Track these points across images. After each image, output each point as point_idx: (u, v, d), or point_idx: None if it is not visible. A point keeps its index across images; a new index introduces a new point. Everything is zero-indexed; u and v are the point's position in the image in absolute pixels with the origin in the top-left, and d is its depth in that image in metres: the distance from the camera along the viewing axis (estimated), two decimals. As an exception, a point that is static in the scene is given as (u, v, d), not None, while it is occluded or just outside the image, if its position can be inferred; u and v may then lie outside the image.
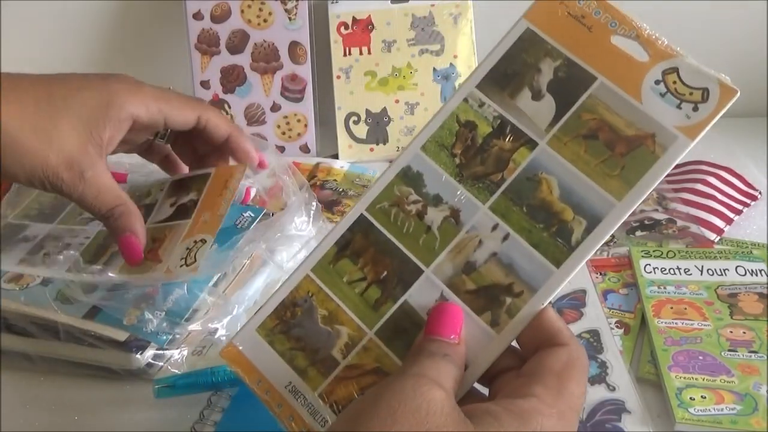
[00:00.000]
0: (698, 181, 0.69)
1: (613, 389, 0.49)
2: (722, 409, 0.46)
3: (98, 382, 0.50)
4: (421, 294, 0.34)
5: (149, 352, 0.49)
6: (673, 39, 0.34)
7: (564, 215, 0.32)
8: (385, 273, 0.35)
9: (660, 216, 0.66)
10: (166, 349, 0.50)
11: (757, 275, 0.57)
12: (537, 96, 0.34)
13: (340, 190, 0.74)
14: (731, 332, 0.52)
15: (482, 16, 0.80)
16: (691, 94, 0.32)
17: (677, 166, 0.76)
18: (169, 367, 0.50)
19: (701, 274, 0.58)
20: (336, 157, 0.80)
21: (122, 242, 0.45)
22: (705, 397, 0.47)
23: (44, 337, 0.50)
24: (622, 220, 0.32)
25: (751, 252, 0.60)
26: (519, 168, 0.33)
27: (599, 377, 0.50)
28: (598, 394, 0.48)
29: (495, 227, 0.33)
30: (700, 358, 0.50)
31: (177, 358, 0.50)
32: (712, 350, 0.50)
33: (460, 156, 0.35)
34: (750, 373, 0.48)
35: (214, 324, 0.52)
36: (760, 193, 0.70)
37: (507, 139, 0.34)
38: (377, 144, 0.80)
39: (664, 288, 0.57)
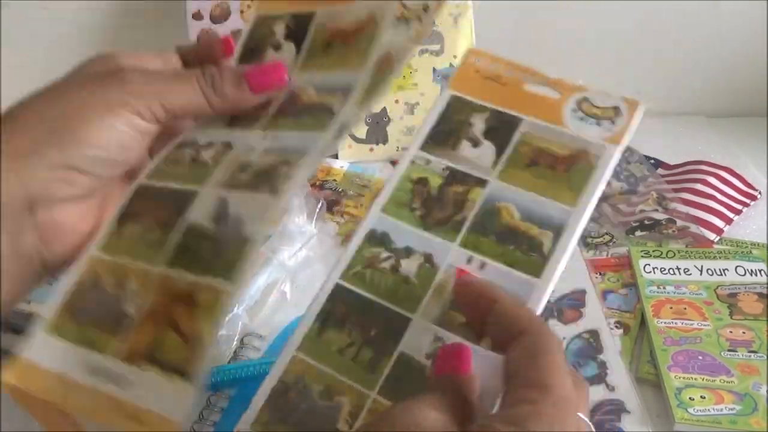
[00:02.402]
0: (698, 181, 0.69)
1: (613, 389, 0.49)
2: (722, 409, 0.46)
3: (98, 382, 0.50)
4: (415, 340, 0.34)
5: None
6: (673, 39, 0.34)
7: (530, 232, 0.35)
8: (374, 331, 0.34)
9: (660, 216, 0.66)
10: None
11: (756, 275, 0.57)
12: (476, 144, 0.38)
13: (340, 190, 0.74)
14: (731, 332, 0.52)
15: (482, 16, 0.80)
16: (604, 113, 0.37)
17: (677, 166, 0.76)
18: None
19: (701, 274, 0.58)
20: (336, 156, 0.80)
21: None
22: (704, 397, 0.47)
23: (44, 336, 0.50)
24: (585, 222, 0.34)
25: (750, 252, 0.60)
26: (477, 204, 0.36)
27: (599, 377, 0.50)
28: (597, 394, 0.48)
29: (470, 259, 0.35)
30: (700, 358, 0.50)
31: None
32: (712, 350, 0.50)
33: (420, 208, 0.36)
34: (749, 373, 0.48)
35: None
36: (759, 193, 0.70)
37: (459, 184, 0.37)
38: (377, 144, 0.80)
39: (664, 288, 0.57)
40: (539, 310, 0.33)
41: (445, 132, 0.38)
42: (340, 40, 0.39)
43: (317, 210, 0.60)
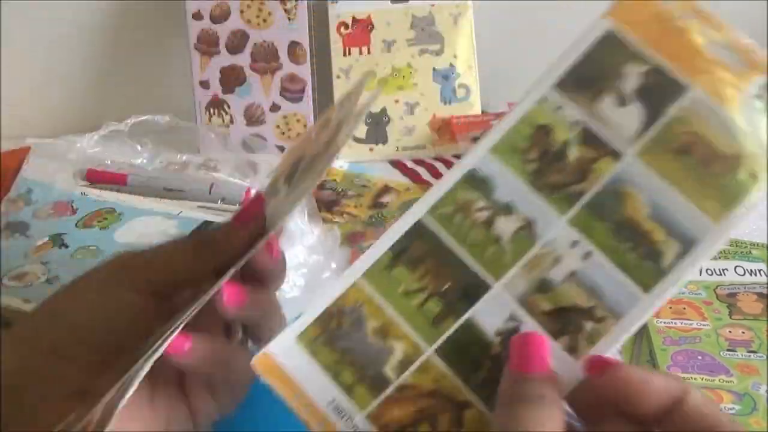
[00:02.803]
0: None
1: (612, 389, 0.49)
2: (721, 409, 0.46)
3: (98, 382, 0.50)
4: (488, 311, 0.30)
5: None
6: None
7: (654, 236, 0.29)
8: (448, 285, 0.31)
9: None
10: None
11: (756, 275, 0.57)
12: (622, 102, 0.30)
13: (340, 190, 0.74)
14: (730, 332, 0.52)
15: (482, 16, 0.80)
16: None
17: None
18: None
19: (700, 274, 0.58)
20: (335, 157, 0.80)
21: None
22: (704, 397, 0.47)
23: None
24: (718, 247, 0.29)
25: (750, 252, 0.60)
26: (602, 179, 0.30)
27: (598, 377, 0.50)
28: (597, 393, 0.48)
29: (575, 243, 0.30)
30: (699, 357, 0.50)
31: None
32: (711, 350, 0.50)
33: (536, 162, 0.31)
34: (749, 373, 0.48)
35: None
36: (759, 193, 0.70)
37: (589, 147, 0.30)
38: (376, 144, 0.80)
39: (664, 288, 0.57)
40: (632, 331, 0.29)
41: (589, 76, 0.31)
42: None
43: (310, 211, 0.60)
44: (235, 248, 0.35)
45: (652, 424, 0.28)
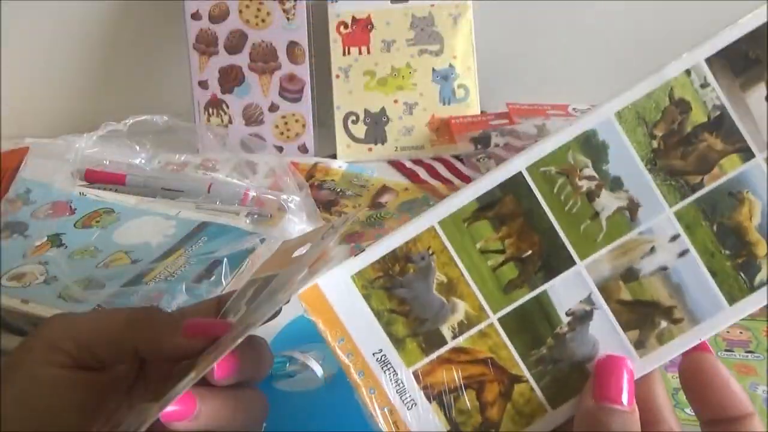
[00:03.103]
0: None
1: (611, 389, 0.49)
2: None
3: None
4: (565, 289, 0.28)
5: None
6: (673, 39, 0.33)
7: (757, 249, 0.28)
8: (530, 252, 0.29)
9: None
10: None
11: (754, 276, 0.57)
12: None
13: (338, 190, 0.74)
14: (728, 332, 0.52)
15: (482, 16, 0.80)
16: None
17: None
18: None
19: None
20: (334, 157, 0.80)
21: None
22: (702, 398, 0.47)
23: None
24: None
25: (748, 252, 0.60)
26: (724, 177, 0.28)
27: (596, 377, 0.50)
28: (595, 394, 0.48)
29: (675, 238, 0.28)
30: (697, 358, 0.50)
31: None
32: (709, 351, 0.50)
33: (660, 140, 0.28)
34: (747, 374, 0.48)
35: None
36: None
37: (721, 138, 0.28)
38: (376, 144, 0.80)
39: (662, 288, 0.57)
40: (704, 338, 0.29)
41: (749, 58, 0.28)
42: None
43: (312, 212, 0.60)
44: (173, 350, 0.32)
45: (707, 423, 0.28)
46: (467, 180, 0.73)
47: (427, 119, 0.80)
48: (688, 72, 0.28)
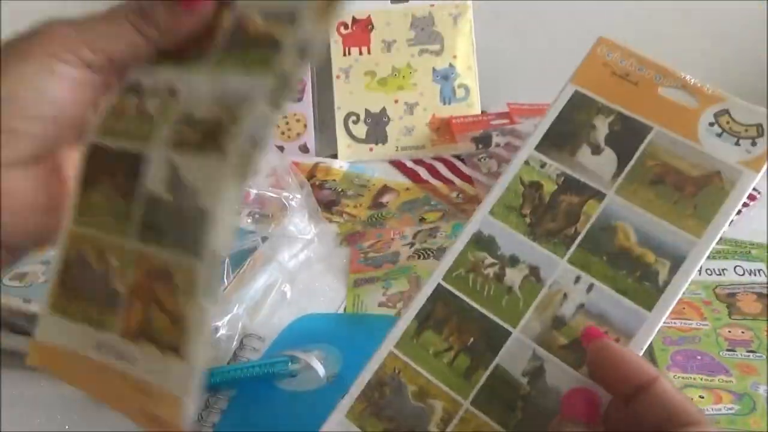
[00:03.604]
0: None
1: (612, 389, 0.49)
2: (720, 409, 0.46)
3: (98, 382, 0.50)
4: (512, 356, 0.33)
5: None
6: (673, 39, 0.34)
7: (646, 258, 0.32)
8: (472, 339, 0.34)
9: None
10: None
11: (755, 275, 0.57)
12: (596, 150, 0.35)
13: (339, 190, 0.74)
14: (730, 332, 0.52)
15: (482, 16, 0.80)
16: (746, 130, 0.33)
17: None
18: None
19: (699, 274, 0.58)
20: (335, 156, 0.80)
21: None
22: (703, 397, 0.47)
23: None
24: (706, 256, 0.32)
25: (749, 252, 0.60)
26: (591, 219, 0.34)
27: (598, 377, 0.50)
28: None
29: (578, 279, 0.33)
30: (699, 357, 0.50)
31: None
32: (711, 350, 0.50)
33: (530, 215, 0.34)
34: (748, 373, 0.48)
35: (214, 323, 0.52)
36: (759, 192, 0.70)
37: (574, 194, 0.34)
38: (376, 144, 0.80)
39: (663, 288, 0.57)
40: (644, 347, 0.32)
41: (564, 133, 0.36)
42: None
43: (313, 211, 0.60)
44: (179, 35, 0.32)
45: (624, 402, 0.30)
46: (468, 179, 0.73)
47: (428, 119, 0.80)
48: (527, 162, 0.35)
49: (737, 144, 0.33)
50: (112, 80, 0.33)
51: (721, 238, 0.66)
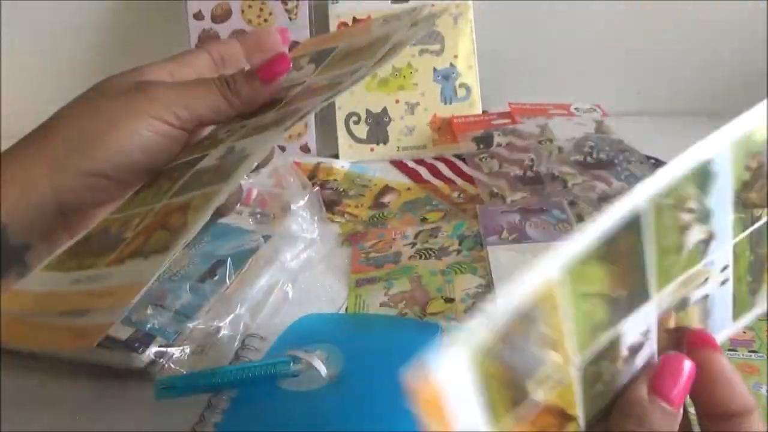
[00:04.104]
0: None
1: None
2: None
3: (99, 382, 0.50)
4: (635, 324, 0.25)
5: (151, 350, 0.49)
6: (673, 39, 0.34)
7: (766, 274, 0.28)
8: (622, 291, 0.25)
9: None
10: (171, 346, 0.50)
11: (757, 275, 0.57)
12: None
13: (341, 190, 0.74)
14: (731, 332, 0.52)
15: (482, 16, 0.80)
16: None
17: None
18: (171, 365, 0.50)
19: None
20: (336, 156, 0.80)
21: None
22: (705, 397, 0.47)
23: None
24: None
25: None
26: None
27: (600, 377, 0.50)
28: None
29: (725, 268, 0.27)
30: (701, 357, 0.50)
31: (179, 356, 0.50)
32: (713, 350, 0.50)
33: (751, 170, 0.26)
34: (750, 373, 0.48)
35: (216, 323, 0.52)
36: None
37: None
38: (377, 144, 0.80)
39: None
40: None
41: None
42: (356, 52, 0.41)
43: (318, 211, 0.60)
44: (256, 103, 0.40)
45: (707, 418, 0.27)
46: (469, 179, 0.73)
47: (429, 119, 0.80)
48: None
49: None
50: (192, 138, 0.40)
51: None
